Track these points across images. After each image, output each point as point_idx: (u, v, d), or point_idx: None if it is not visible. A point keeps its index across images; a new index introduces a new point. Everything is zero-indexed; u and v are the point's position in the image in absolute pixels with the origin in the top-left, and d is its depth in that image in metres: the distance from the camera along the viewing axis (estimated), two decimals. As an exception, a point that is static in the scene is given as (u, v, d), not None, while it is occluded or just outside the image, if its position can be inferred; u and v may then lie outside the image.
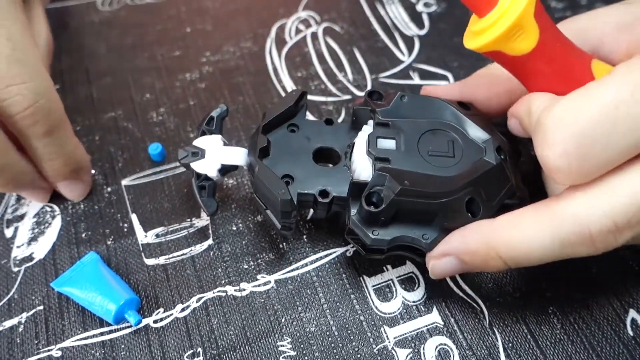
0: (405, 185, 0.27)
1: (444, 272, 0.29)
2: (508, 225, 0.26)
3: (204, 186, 0.31)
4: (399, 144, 0.30)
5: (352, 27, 0.45)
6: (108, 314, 0.30)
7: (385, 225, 0.28)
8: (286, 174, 0.30)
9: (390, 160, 0.29)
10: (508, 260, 0.26)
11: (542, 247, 0.25)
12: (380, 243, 0.28)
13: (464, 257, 0.27)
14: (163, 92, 0.41)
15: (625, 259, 0.32)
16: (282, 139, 0.32)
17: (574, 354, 0.30)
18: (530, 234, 0.25)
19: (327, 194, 0.30)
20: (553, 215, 0.25)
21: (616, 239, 0.24)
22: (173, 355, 0.30)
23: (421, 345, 0.30)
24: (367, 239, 0.28)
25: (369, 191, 0.28)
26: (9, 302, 0.32)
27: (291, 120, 0.33)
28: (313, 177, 0.30)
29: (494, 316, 0.31)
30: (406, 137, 0.30)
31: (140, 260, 0.33)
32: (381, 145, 0.30)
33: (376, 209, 0.27)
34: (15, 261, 0.34)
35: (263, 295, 0.32)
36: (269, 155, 0.31)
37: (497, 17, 0.25)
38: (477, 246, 0.27)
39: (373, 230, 0.28)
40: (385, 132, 0.30)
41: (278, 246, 0.34)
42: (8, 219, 0.35)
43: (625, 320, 0.31)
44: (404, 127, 0.30)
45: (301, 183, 0.30)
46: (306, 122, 0.33)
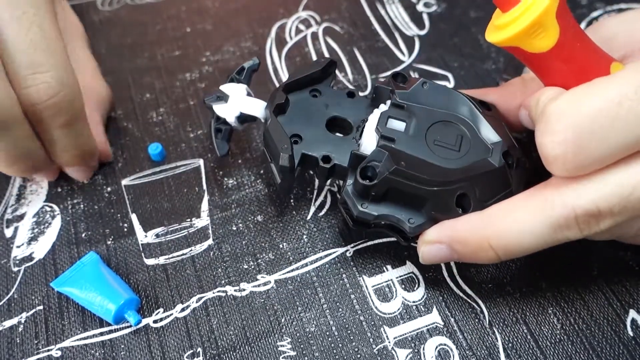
0: (401, 166, 0.28)
1: (434, 259, 0.29)
2: (499, 214, 0.27)
3: (220, 129, 0.33)
4: (409, 128, 0.30)
5: (352, 27, 0.45)
6: (108, 314, 0.30)
7: (375, 201, 0.29)
8: (296, 134, 0.31)
9: (395, 140, 0.29)
10: (499, 250, 0.27)
11: (534, 234, 0.26)
12: (367, 216, 0.29)
13: (455, 246, 0.28)
14: (163, 92, 0.41)
15: (625, 259, 0.32)
16: (302, 101, 0.33)
17: (574, 354, 0.30)
18: (522, 221, 0.26)
19: (329, 159, 0.30)
20: (544, 200, 0.26)
21: (598, 223, 0.25)
22: (173, 355, 0.30)
23: (421, 346, 0.30)
24: (355, 210, 0.29)
25: (366, 164, 0.28)
26: (8, 302, 0.32)
27: (315, 85, 0.33)
28: (321, 142, 0.31)
29: (494, 316, 0.31)
30: (417, 123, 0.30)
31: (140, 260, 0.33)
32: (391, 125, 0.30)
33: (369, 183, 0.28)
34: (15, 261, 0.34)
35: (263, 295, 0.32)
36: (284, 113, 0.32)
37: (519, 13, 0.25)
38: (468, 236, 0.27)
39: (363, 203, 0.29)
40: (397, 114, 0.30)
41: (278, 246, 0.34)
42: (8, 219, 0.35)
43: (626, 321, 0.31)
44: (418, 113, 0.31)
45: (308, 145, 0.31)
46: (329, 90, 0.34)
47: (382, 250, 0.33)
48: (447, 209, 0.28)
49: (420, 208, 0.29)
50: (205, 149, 0.38)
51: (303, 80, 0.33)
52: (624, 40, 0.29)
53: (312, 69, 0.33)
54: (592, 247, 0.33)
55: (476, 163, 0.29)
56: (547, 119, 0.25)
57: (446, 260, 0.29)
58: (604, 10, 0.44)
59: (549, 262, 0.32)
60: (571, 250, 0.33)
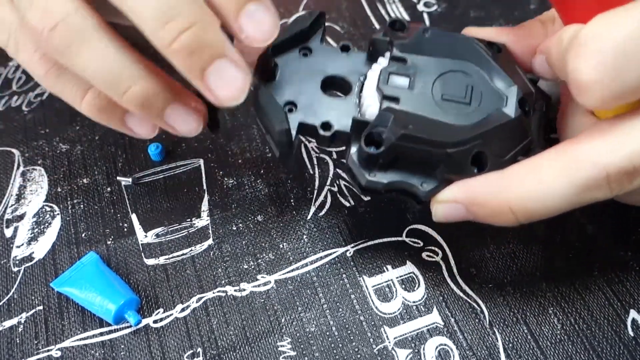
0: (409, 130, 0.25)
1: (448, 218, 0.27)
2: (521, 174, 0.25)
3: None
4: (413, 83, 0.27)
5: (352, 26, 0.45)
6: (108, 314, 0.30)
7: (383, 168, 0.27)
8: (290, 101, 0.29)
9: (400, 99, 0.27)
10: (520, 213, 0.25)
11: (559, 196, 0.24)
12: (376, 185, 0.27)
13: (472, 207, 0.26)
14: (163, 92, 0.41)
15: (625, 259, 0.32)
16: (292, 63, 0.30)
17: (575, 355, 0.29)
18: (547, 181, 0.24)
19: (329, 126, 0.28)
20: (572, 159, 0.24)
21: (632, 181, 0.24)
22: (173, 355, 0.30)
23: (421, 346, 0.30)
24: (362, 180, 0.27)
25: (370, 131, 0.26)
26: (8, 302, 0.32)
27: (305, 43, 0.30)
28: (318, 107, 0.28)
29: (494, 316, 0.31)
30: (422, 77, 0.28)
31: (140, 260, 0.33)
32: (393, 82, 0.27)
33: (375, 151, 0.26)
34: (15, 261, 0.34)
35: (263, 296, 0.32)
36: (274, 79, 0.29)
37: None
38: (487, 198, 0.26)
39: (371, 171, 0.27)
40: (399, 69, 0.28)
41: (278, 246, 0.34)
42: (8, 219, 0.35)
43: (626, 321, 0.30)
44: (421, 65, 0.28)
45: (305, 112, 0.28)
46: (320, 47, 0.30)
47: (382, 250, 0.33)
48: (462, 169, 0.26)
49: (433, 170, 0.26)
50: (205, 149, 0.38)
51: (290, 39, 0.30)
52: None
53: (299, 25, 0.30)
54: (593, 247, 0.33)
55: (490, 116, 0.27)
56: (580, 43, 0.23)
57: (460, 220, 0.27)
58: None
59: (549, 262, 0.32)
60: (571, 250, 0.33)
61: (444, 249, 0.33)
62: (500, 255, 0.33)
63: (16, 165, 0.38)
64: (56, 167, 0.38)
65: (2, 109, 0.41)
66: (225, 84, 0.25)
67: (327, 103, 0.29)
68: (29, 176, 0.37)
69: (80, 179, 0.37)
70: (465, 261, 0.33)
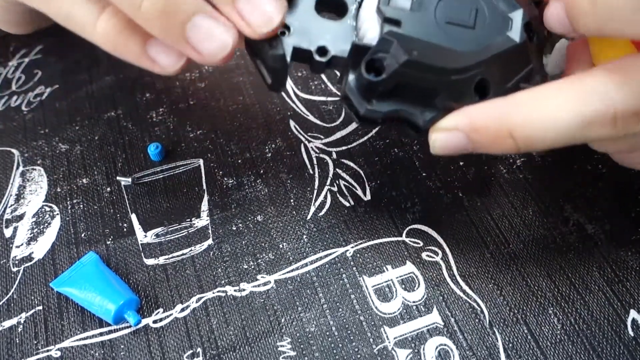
0: (413, 56, 0.24)
1: (447, 148, 0.26)
2: (527, 101, 0.24)
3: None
4: (416, 4, 0.25)
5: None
6: (107, 314, 0.30)
7: (383, 96, 0.26)
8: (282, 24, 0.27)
9: (402, 23, 0.25)
10: (520, 139, 0.24)
11: (563, 125, 0.23)
12: (375, 114, 0.26)
13: (473, 134, 0.25)
14: (163, 92, 0.41)
15: (625, 259, 0.32)
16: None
17: (575, 355, 0.29)
18: (552, 109, 0.23)
19: (325, 51, 0.26)
20: (580, 89, 0.23)
21: (638, 123, 0.23)
22: (172, 355, 0.30)
23: (421, 346, 0.30)
24: (361, 108, 0.26)
25: (371, 57, 0.25)
26: (8, 302, 0.32)
27: None
28: (313, 30, 0.26)
29: (494, 316, 0.31)
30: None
31: (140, 261, 0.33)
32: (394, 3, 0.25)
33: (376, 78, 0.25)
34: (15, 261, 0.34)
35: (263, 296, 0.32)
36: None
37: None
38: (489, 122, 0.24)
39: (369, 99, 0.26)
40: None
41: (278, 246, 0.34)
42: (7, 219, 0.35)
43: (626, 321, 0.30)
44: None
45: (298, 35, 0.26)
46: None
47: (382, 250, 0.33)
48: (464, 97, 0.25)
49: (434, 99, 0.26)
50: (205, 149, 0.38)
51: None
52: None
53: None
54: (593, 247, 0.33)
55: (494, 41, 0.25)
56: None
57: (459, 151, 0.26)
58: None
59: (550, 262, 0.32)
60: (571, 250, 0.33)
61: (444, 249, 0.33)
62: (500, 255, 0.33)
63: (16, 165, 0.38)
64: (56, 167, 0.37)
65: (2, 109, 0.41)
66: (207, 37, 0.24)
67: (323, 25, 0.27)
68: (29, 176, 0.37)
69: (80, 179, 0.37)
70: (465, 261, 0.33)
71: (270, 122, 0.39)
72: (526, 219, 0.34)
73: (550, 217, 0.34)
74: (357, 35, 0.26)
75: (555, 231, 0.33)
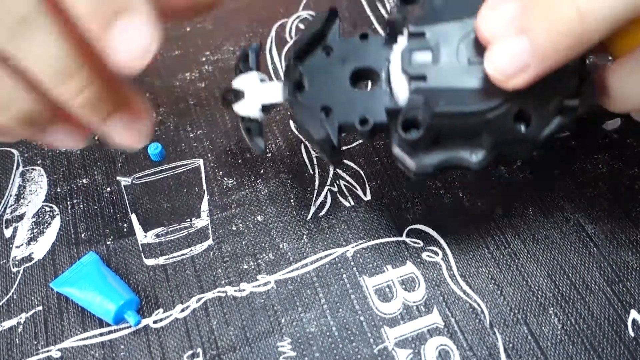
0: (440, 107, 0.25)
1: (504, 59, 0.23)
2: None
3: (249, 128, 0.30)
4: (437, 55, 0.26)
5: (352, 26, 0.45)
6: (107, 315, 0.30)
7: (429, 148, 0.27)
8: (324, 106, 0.28)
9: (427, 76, 0.26)
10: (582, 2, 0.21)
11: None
12: (426, 169, 0.27)
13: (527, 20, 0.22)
14: (163, 92, 0.41)
15: (626, 259, 0.32)
16: (317, 64, 0.30)
17: (575, 355, 0.29)
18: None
19: (366, 121, 0.28)
20: None
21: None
22: (173, 355, 0.30)
23: (421, 346, 0.30)
24: (412, 166, 0.27)
25: (404, 118, 0.26)
26: (8, 303, 0.32)
27: (324, 41, 0.30)
28: (352, 104, 0.28)
29: (495, 316, 0.31)
30: (444, 45, 0.26)
31: (140, 261, 0.33)
32: (416, 60, 0.26)
33: (414, 136, 0.25)
34: (15, 261, 0.34)
35: (263, 296, 0.32)
36: (304, 88, 0.29)
37: None
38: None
39: (417, 155, 0.27)
40: (419, 44, 0.27)
41: (278, 246, 0.34)
42: (7, 219, 0.35)
43: (627, 321, 0.30)
44: (441, 33, 0.27)
45: (340, 112, 0.28)
46: (340, 41, 0.30)
47: (382, 250, 0.33)
48: (506, 131, 0.25)
49: (479, 139, 0.26)
50: (205, 149, 0.38)
51: (309, 43, 0.30)
52: None
53: (314, 27, 0.30)
54: (593, 247, 0.33)
55: None
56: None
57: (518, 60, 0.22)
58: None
59: (550, 262, 0.32)
60: (572, 250, 0.33)
61: (444, 249, 0.33)
62: (500, 255, 0.33)
63: (15, 165, 0.38)
64: (55, 167, 0.37)
65: (2, 109, 0.40)
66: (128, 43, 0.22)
67: (360, 97, 0.28)
68: (29, 176, 0.37)
69: (80, 179, 0.37)
70: (465, 261, 0.33)
71: (270, 122, 0.39)
72: (526, 219, 0.34)
73: (550, 217, 0.34)
74: (391, 99, 0.28)
75: (555, 231, 0.33)
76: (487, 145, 0.26)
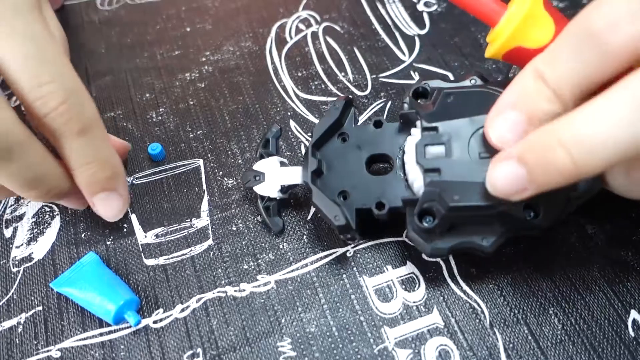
0: (456, 201, 0.27)
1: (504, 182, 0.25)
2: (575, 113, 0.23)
3: (268, 207, 0.33)
4: (449, 149, 0.28)
5: (352, 26, 0.45)
6: (107, 315, 0.30)
7: (443, 234, 0.28)
8: (342, 191, 0.31)
9: (441, 170, 0.28)
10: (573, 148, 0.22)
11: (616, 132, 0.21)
12: (440, 252, 0.29)
13: (524, 154, 0.24)
14: (163, 92, 0.41)
15: (626, 259, 0.32)
16: (334, 152, 0.32)
17: (575, 355, 0.29)
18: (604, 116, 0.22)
19: (383, 206, 0.30)
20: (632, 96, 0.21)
21: None
22: (173, 355, 0.30)
23: (421, 346, 0.30)
24: (426, 250, 0.29)
25: (421, 208, 0.28)
26: (7, 303, 0.32)
27: (340, 129, 0.33)
28: (368, 189, 0.31)
29: (495, 316, 0.31)
30: (456, 140, 0.28)
31: (140, 261, 0.33)
32: (429, 153, 0.28)
33: (430, 226, 0.27)
34: (14, 261, 0.34)
35: (263, 296, 0.32)
36: (322, 174, 0.32)
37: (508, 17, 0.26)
38: (538, 137, 0.23)
39: (432, 239, 0.28)
40: (433, 139, 0.29)
41: (278, 246, 0.34)
42: (7, 219, 0.35)
43: (627, 321, 0.30)
44: (453, 129, 0.29)
45: (357, 197, 0.31)
46: (355, 129, 0.33)
47: (383, 250, 0.33)
48: (517, 221, 0.27)
49: (490, 226, 0.28)
50: (205, 149, 0.38)
51: (326, 131, 0.32)
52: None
53: (332, 117, 0.32)
54: (593, 247, 0.33)
55: None
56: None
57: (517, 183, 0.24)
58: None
59: (550, 262, 0.32)
60: (572, 249, 0.33)
61: (444, 249, 0.33)
62: (501, 255, 0.33)
63: (15, 165, 0.38)
64: (56, 167, 0.37)
65: (2, 109, 0.40)
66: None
67: (376, 183, 0.31)
68: (29, 176, 0.37)
69: (80, 179, 0.37)
70: (465, 261, 0.33)
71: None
72: (526, 219, 0.34)
73: (551, 217, 0.34)
74: (407, 186, 0.30)
75: (555, 231, 0.33)
76: (498, 232, 0.28)
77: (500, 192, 0.25)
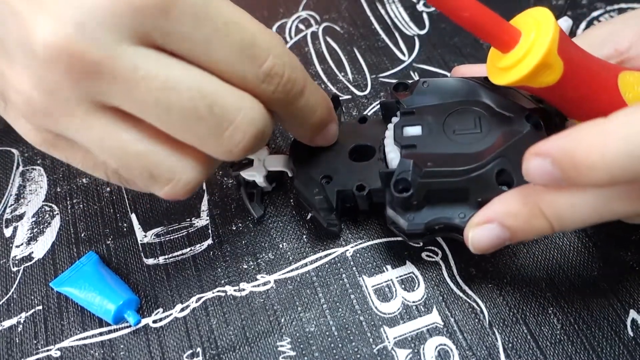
0: (429, 166, 0.28)
1: (485, 243, 0.27)
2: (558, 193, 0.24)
3: (252, 193, 0.34)
4: (425, 129, 0.30)
5: (352, 26, 0.45)
6: (107, 314, 0.30)
7: (420, 209, 0.29)
8: (325, 175, 0.32)
9: (417, 146, 0.29)
10: (552, 216, 0.24)
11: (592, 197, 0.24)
12: (417, 226, 0.29)
13: (507, 220, 0.26)
14: (163, 92, 0.41)
15: (625, 259, 0.32)
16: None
17: (574, 355, 0.29)
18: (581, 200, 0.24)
19: (363, 187, 0.31)
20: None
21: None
22: (172, 355, 0.30)
23: (421, 346, 0.30)
24: (403, 225, 0.29)
25: (396, 178, 0.28)
26: (7, 302, 0.32)
27: None
28: (350, 174, 0.32)
29: (494, 316, 0.31)
30: (431, 121, 0.30)
31: (140, 260, 0.33)
32: (407, 132, 0.30)
33: (405, 195, 0.28)
34: (15, 261, 0.34)
35: (262, 295, 0.32)
36: (308, 161, 0.33)
37: (522, 54, 0.25)
38: (519, 205, 0.25)
39: (409, 215, 0.29)
40: (410, 120, 0.31)
41: (278, 246, 0.34)
42: (7, 219, 0.35)
43: (626, 321, 0.30)
44: (429, 112, 0.31)
45: (339, 181, 0.32)
46: (342, 124, 0.34)
47: (382, 250, 0.33)
48: (490, 190, 0.27)
49: (466, 200, 0.28)
50: (205, 149, 0.38)
51: None
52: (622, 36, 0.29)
53: None
54: (593, 247, 0.33)
55: (502, 135, 0.29)
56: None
57: (499, 243, 0.26)
58: (604, 10, 0.44)
59: (549, 262, 0.32)
60: (571, 250, 0.33)
61: (444, 249, 0.33)
62: (500, 255, 0.33)
63: (15, 165, 0.38)
64: (55, 166, 0.38)
65: (2, 109, 0.40)
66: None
67: (358, 168, 0.32)
68: (29, 176, 0.37)
69: (80, 179, 0.37)
70: (465, 261, 0.33)
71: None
72: (526, 219, 0.34)
73: (550, 217, 0.34)
74: (385, 166, 0.31)
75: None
76: (474, 206, 0.28)
77: (481, 251, 0.27)
